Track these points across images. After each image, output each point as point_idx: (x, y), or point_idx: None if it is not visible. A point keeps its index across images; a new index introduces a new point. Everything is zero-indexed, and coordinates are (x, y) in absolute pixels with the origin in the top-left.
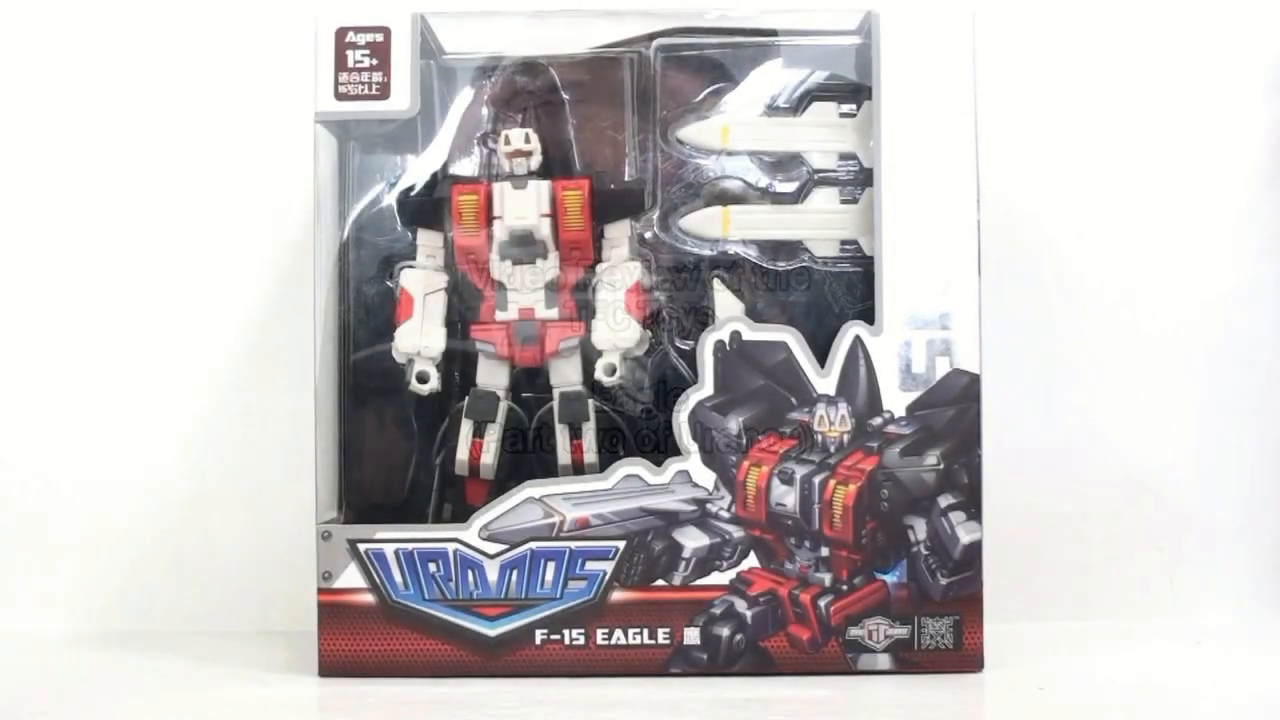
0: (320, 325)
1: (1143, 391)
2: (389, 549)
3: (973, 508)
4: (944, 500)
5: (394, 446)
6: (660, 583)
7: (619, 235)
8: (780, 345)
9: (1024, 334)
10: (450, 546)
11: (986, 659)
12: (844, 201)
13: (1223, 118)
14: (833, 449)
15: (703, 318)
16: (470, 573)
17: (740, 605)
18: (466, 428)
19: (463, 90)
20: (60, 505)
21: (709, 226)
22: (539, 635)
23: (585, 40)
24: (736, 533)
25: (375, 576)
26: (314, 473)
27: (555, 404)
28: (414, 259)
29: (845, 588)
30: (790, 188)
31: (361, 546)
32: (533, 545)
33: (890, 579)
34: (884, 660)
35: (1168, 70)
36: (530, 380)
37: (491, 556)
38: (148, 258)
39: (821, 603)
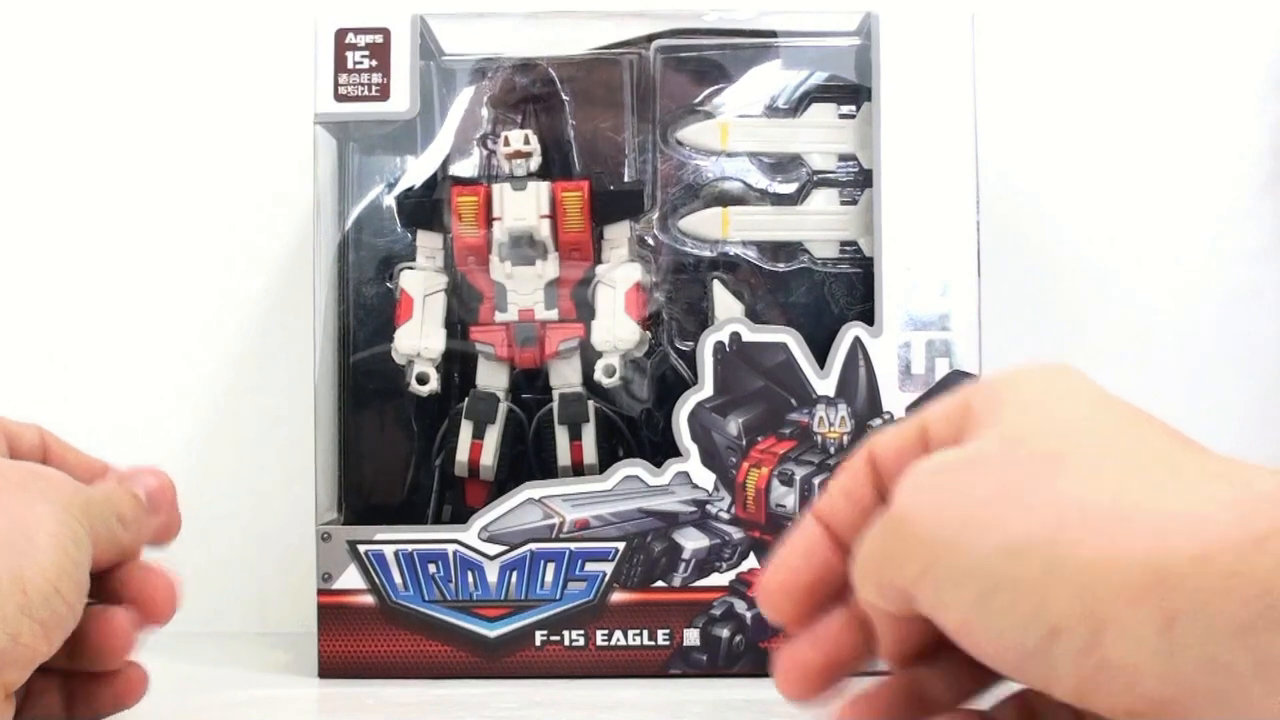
0: (320, 326)
1: (1142, 392)
2: (389, 550)
3: None
4: None
5: (394, 448)
6: (660, 584)
7: (618, 236)
8: (780, 346)
9: (1023, 335)
10: (450, 548)
11: None
12: (844, 203)
13: (1223, 118)
14: (833, 450)
15: (702, 319)
16: (470, 574)
17: (740, 606)
18: (466, 429)
19: (462, 91)
20: None
21: (708, 228)
22: (539, 636)
23: (585, 41)
24: (736, 534)
25: (375, 578)
26: (314, 474)
27: (555, 405)
28: (413, 260)
29: None
30: (790, 189)
31: (361, 548)
32: (532, 546)
33: None
34: (883, 661)
35: (1167, 70)
36: (530, 382)
37: (491, 558)
38: (146, 259)
39: None
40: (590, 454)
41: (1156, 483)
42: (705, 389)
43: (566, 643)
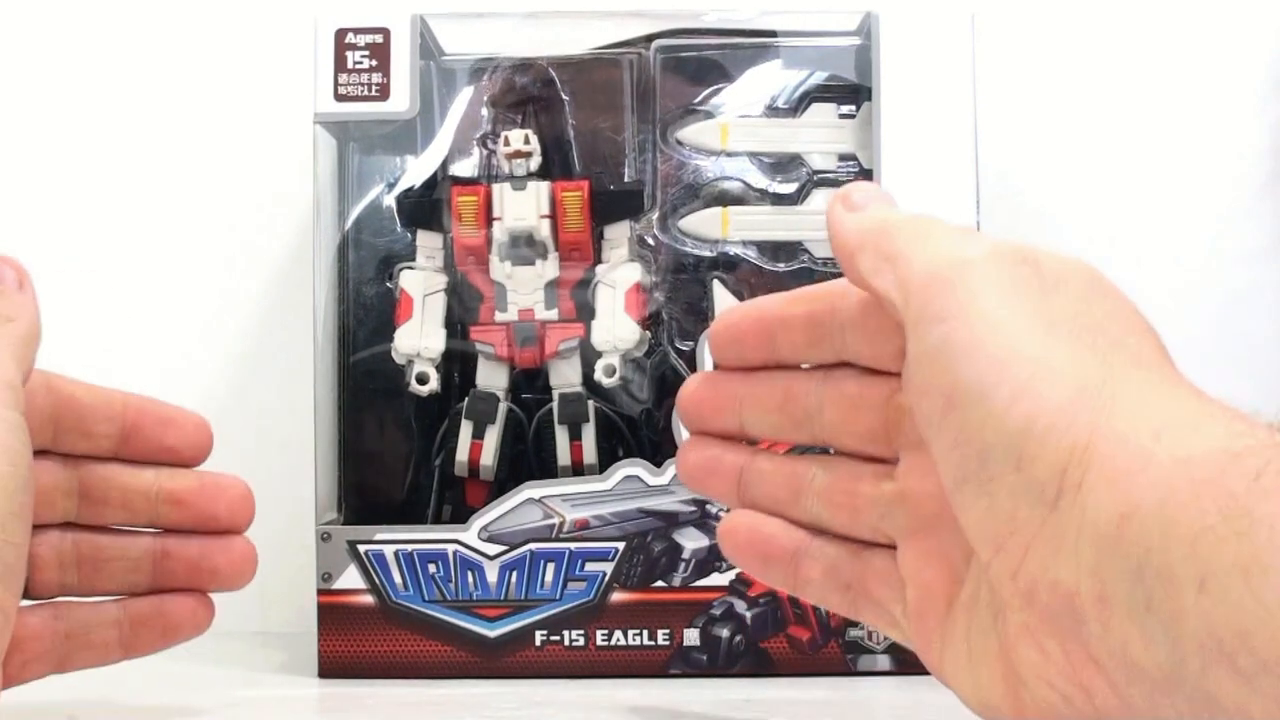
0: (319, 326)
1: None
2: (389, 550)
3: None
4: None
5: (393, 448)
6: (660, 584)
7: (618, 236)
8: None
9: None
10: (450, 548)
11: None
12: None
13: (1223, 118)
14: (832, 449)
15: (702, 319)
16: (470, 574)
17: (740, 606)
18: (466, 429)
19: (462, 91)
20: None
21: (708, 227)
22: (539, 636)
23: (585, 41)
24: None
25: (375, 578)
26: (314, 474)
27: (555, 405)
28: (413, 260)
29: None
30: (790, 189)
31: (361, 548)
32: (532, 546)
33: None
34: (883, 661)
35: (1167, 70)
36: (530, 382)
37: (491, 558)
38: (146, 259)
39: None
40: (590, 454)
41: (1169, 392)
42: None
43: (566, 643)
